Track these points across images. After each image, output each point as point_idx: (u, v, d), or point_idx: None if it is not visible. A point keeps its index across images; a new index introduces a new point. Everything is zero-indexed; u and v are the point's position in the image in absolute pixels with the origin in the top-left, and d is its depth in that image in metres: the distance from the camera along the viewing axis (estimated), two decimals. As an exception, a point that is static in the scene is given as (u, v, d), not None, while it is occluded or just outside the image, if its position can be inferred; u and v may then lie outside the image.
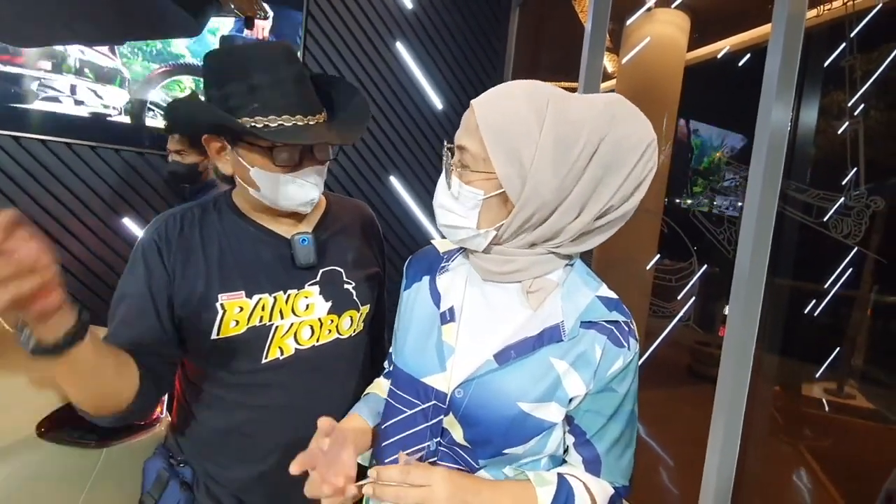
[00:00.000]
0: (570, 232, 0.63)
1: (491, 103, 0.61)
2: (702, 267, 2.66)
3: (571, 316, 0.63)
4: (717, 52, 3.52)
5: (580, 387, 0.62)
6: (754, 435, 2.09)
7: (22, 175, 2.23)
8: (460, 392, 0.64)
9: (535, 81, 0.63)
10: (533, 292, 0.66)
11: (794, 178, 1.90)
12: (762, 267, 1.58)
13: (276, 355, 0.82)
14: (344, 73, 2.72)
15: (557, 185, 0.59)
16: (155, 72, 2.35)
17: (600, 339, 0.63)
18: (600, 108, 0.61)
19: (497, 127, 0.59)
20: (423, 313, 0.73)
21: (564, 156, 0.59)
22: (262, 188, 0.79)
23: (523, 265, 0.65)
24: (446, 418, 0.65)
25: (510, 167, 0.59)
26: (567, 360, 0.63)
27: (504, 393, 0.62)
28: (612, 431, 0.66)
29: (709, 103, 3.64)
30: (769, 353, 2.19)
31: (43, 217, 2.27)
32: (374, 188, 2.87)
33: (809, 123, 1.87)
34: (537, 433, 0.63)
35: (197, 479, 0.84)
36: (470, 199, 0.62)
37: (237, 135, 0.76)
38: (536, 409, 0.62)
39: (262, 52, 0.77)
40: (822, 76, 1.84)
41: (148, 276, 0.77)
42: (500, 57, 3.06)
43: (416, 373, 0.69)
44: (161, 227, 0.80)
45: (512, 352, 0.63)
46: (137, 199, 2.43)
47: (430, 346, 0.69)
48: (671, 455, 2.65)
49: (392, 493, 0.58)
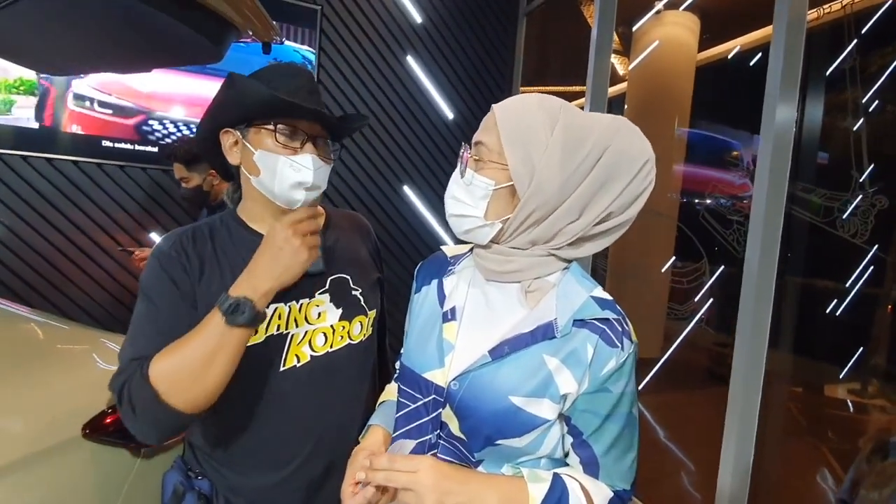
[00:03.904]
0: (569, 233, 0.67)
1: (510, 105, 0.68)
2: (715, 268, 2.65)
3: (565, 314, 0.66)
4: (728, 51, 3.51)
5: (571, 384, 0.65)
6: (773, 437, 2.06)
7: (54, 193, 2.36)
8: (455, 384, 0.68)
9: (548, 95, 0.70)
10: (531, 292, 0.70)
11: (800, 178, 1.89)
12: (772, 267, 1.58)
13: (293, 363, 0.86)
14: (357, 88, 2.81)
15: (561, 183, 0.64)
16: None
17: (592, 339, 0.65)
18: (607, 122, 0.67)
19: (513, 124, 0.66)
20: (429, 313, 0.77)
21: (571, 157, 0.64)
22: (262, 171, 0.82)
23: (523, 266, 0.69)
24: (444, 411, 0.69)
25: (521, 161, 0.65)
26: (558, 357, 0.65)
27: (497, 386, 0.66)
28: (609, 432, 0.66)
29: (721, 104, 3.62)
30: (786, 353, 2.17)
31: (74, 233, 2.40)
32: (388, 198, 2.94)
33: (815, 123, 1.86)
34: (530, 428, 0.65)
35: (215, 490, 0.87)
36: (481, 189, 0.67)
37: (252, 120, 0.82)
38: (528, 403, 0.65)
39: (281, 67, 0.87)
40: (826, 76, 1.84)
41: (170, 285, 0.80)
42: (508, 66, 3.11)
43: (418, 368, 0.73)
44: (176, 241, 0.84)
45: (506, 347, 0.66)
46: (163, 214, 2.55)
47: (431, 343, 0.73)
48: (691, 458, 2.62)
49: (382, 476, 0.62)
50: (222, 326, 0.71)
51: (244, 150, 0.85)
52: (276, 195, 0.84)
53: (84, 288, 2.44)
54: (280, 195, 0.83)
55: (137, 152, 2.46)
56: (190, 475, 0.88)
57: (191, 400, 0.72)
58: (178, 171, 2.00)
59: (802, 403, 2.48)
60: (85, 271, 2.43)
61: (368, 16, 2.78)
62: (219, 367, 0.72)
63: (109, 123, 2.41)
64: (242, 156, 0.86)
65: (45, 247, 2.36)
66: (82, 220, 2.41)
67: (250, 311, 0.72)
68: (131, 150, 2.45)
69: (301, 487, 0.87)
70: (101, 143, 2.40)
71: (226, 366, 0.73)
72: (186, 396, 0.72)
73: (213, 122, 0.85)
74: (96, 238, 2.44)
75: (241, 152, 0.86)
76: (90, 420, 1.02)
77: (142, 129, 2.47)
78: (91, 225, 2.42)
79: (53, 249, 2.37)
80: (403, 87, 2.89)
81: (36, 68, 1.61)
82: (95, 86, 2.37)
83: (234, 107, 0.82)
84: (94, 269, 2.44)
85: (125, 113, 2.43)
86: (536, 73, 3.25)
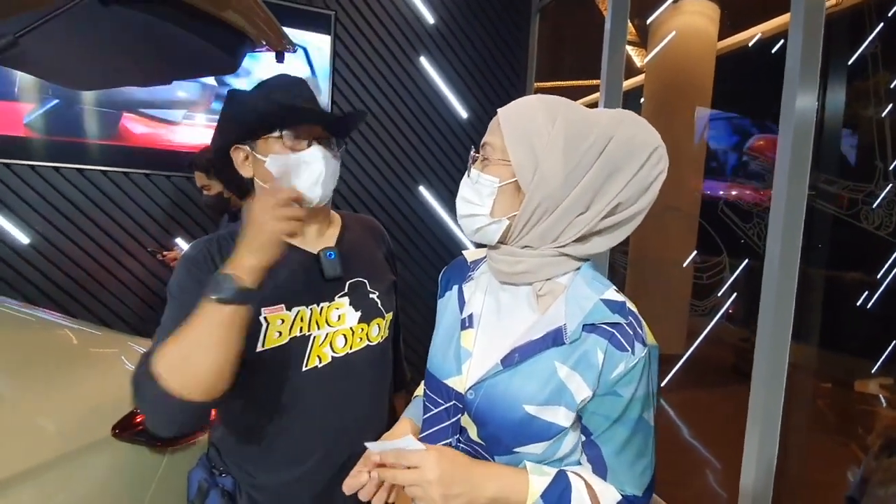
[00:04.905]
0: (578, 227, 0.66)
1: (512, 105, 0.70)
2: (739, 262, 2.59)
3: (574, 319, 0.65)
4: (748, 39, 3.42)
5: (585, 390, 0.64)
6: (799, 434, 2.02)
7: (85, 202, 2.46)
8: (472, 394, 0.68)
9: (550, 95, 0.71)
10: (542, 295, 0.69)
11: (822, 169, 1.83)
12: (794, 260, 1.54)
13: (314, 363, 0.89)
14: (371, 90, 2.84)
15: (566, 175, 0.64)
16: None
17: (601, 343, 0.64)
18: (610, 114, 0.68)
19: (515, 120, 0.67)
20: (450, 319, 0.78)
21: (574, 149, 0.64)
22: (275, 174, 0.86)
23: (532, 266, 0.68)
24: (463, 417, 0.70)
25: (524, 154, 0.65)
26: (569, 364, 0.64)
27: (510, 395, 0.66)
28: (619, 435, 0.65)
29: (742, 94, 3.53)
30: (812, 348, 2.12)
31: (104, 239, 2.49)
32: (404, 199, 2.97)
33: (837, 111, 1.80)
34: (547, 436, 0.65)
35: (238, 487, 0.90)
36: (487, 186, 0.68)
37: (257, 133, 0.86)
38: (542, 411, 0.64)
39: (280, 77, 0.91)
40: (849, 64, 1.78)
41: (197, 286, 0.80)
42: (522, 63, 3.09)
43: (439, 374, 0.75)
44: (203, 248, 0.88)
45: (516, 355, 0.66)
46: (188, 220, 2.63)
47: (451, 350, 0.74)
48: (716, 456, 2.58)
49: (390, 474, 0.63)
50: (208, 304, 0.71)
51: (255, 161, 0.88)
52: None
53: (115, 292, 2.53)
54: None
55: (162, 160, 2.55)
56: (214, 473, 0.92)
57: (188, 383, 0.72)
58: (200, 179, 2.06)
59: (831, 399, 2.41)
60: (115, 276, 2.53)
61: (381, 19, 2.80)
62: (211, 347, 0.72)
63: (140, 134, 2.51)
64: (254, 167, 0.89)
65: (77, 253, 2.46)
66: (112, 227, 2.50)
67: (230, 285, 0.71)
68: (157, 158, 2.54)
69: (321, 483, 0.90)
70: (130, 152, 2.50)
71: (218, 346, 0.72)
72: (182, 379, 0.72)
73: (223, 139, 0.89)
74: (125, 244, 2.53)
75: (253, 164, 0.89)
76: (119, 420, 1.06)
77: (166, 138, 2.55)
78: (120, 231, 2.52)
79: (84, 255, 2.48)
80: (417, 89, 2.91)
81: (61, 83, 1.68)
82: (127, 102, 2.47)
83: (238, 122, 0.86)
84: (123, 274, 2.54)
85: (157, 124, 2.52)
86: (551, 69, 3.23)
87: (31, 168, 2.35)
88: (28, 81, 2.31)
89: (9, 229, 2.35)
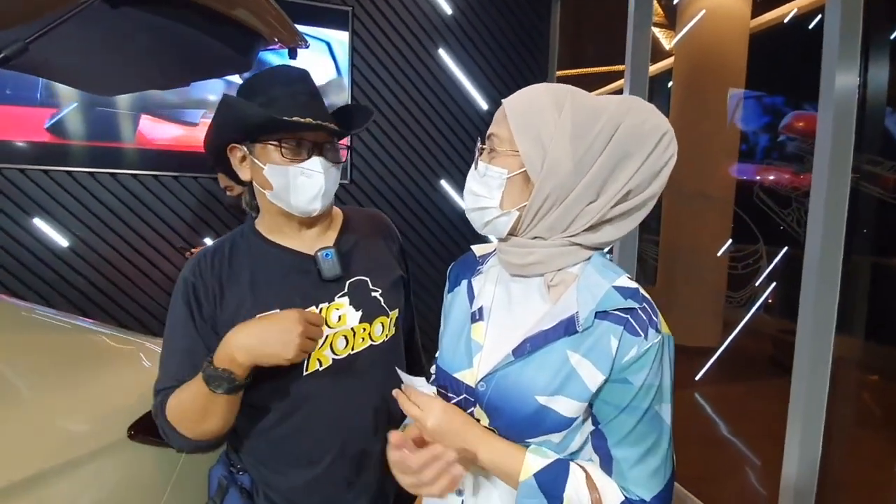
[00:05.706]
0: (589, 215, 0.65)
1: (517, 95, 0.69)
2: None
3: (586, 307, 0.64)
4: (784, 15, 3.25)
5: (598, 376, 0.63)
6: (844, 429, 1.91)
7: (118, 205, 2.54)
8: (483, 385, 0.68)
9: (557, 84, 0.70)
10: (554, 286, 0.68)
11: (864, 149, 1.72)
12: (837, 247, 1.45)
13: (315, 367, 0.87)
14: (390, 85, 2.83)
15: (575, 163, 0.63)
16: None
17: (616, 330, 0.62)
18: (618, 101, 0.66)
19: (521, 110, 0.66)
20: (459, 314, 0.78)
21: (582, 136, 0.63)
22: (275, 186, 0.84)
23: (543, 257, 0.67)
24: (475, 409, 0.70)
25: (531, 144, 0.65)
26: (580, 352, 0.63)
27: (522, 386, 0.65)
28: (625, 425, 0.63)
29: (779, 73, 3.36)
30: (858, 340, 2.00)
31: (136, 240, 2.58)
32: (426, 193, 2.95)
33: (880, 89, 1.68)
34: (558, 427, 0.64)
35: (255, 485, 0.90)
36: (495, 178, 0.68)
37: (255, 137, 0.84)
38: (554, 401, 0.64)
39: (281, 70, 0.89)
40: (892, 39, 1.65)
41: (190, 316, 0.85)
42: (543, 51, 3.02)
43: (449, 368, 0.74)
44: (195, 267, 0.88)
45: (528, 345, 0.66)
46: (215, 220, 2.69)
47: (461, 344, 0.74)
48: (755, 452, 2.48)
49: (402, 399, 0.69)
50: (206, 390, 0.76)
51: (253, 165, 0.87)
52: (292, 206, 0.86)
53: (146, 290, 2.62)
54: (296, 206, 0.85)
55: (189, 163, 2.61)
56: (232, 470, 0.93)
57: (200, 435, 0.81)
58: (223, 180, 2.10)
59: (879, 393, 2.28)
60: (147, 275, 2.61)
61: (398, 12, 2.78)
62: (214, 417, 0.79)
63: (164, 138, 2.57)
64: (252, 171, 0.88)
65: (111, 254, 2.56)
66: (143, 229, 2.59)
67: (228, 382, 0.76)
68: (184, 161, 2.60)
69: (334, 484, 0.89)
70: (158, 156, 2.57)
71: (221, 416, 0.80)
72: (195, 433, 0.81)
73: (218, 139, 0.87)
74: (156, 244, 2.61)
75: (251, 168, 0.88)
76: (135, 422, 1.08)
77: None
78: (151, 232, 2.60)
79: (118, 256, 2.57)
80: (437, 82, 2.88)
81: (83, 88, 1.73)
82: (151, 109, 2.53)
83: (233, 129, 0.85)
84: (154, 273, 2.62)
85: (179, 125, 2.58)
86: (573, 56, 3.14)
87: (45, 173, 2.44)
88: (50, 87, 2.39)
89: (44, 233, 2.45)
